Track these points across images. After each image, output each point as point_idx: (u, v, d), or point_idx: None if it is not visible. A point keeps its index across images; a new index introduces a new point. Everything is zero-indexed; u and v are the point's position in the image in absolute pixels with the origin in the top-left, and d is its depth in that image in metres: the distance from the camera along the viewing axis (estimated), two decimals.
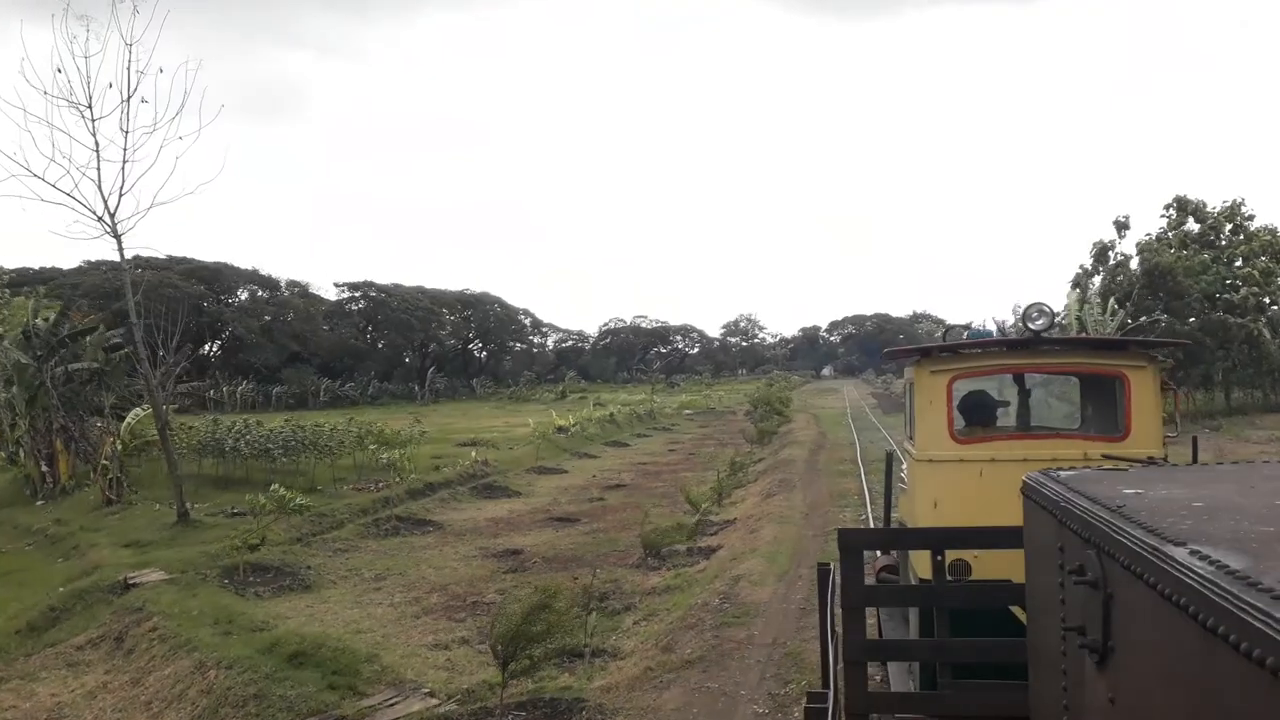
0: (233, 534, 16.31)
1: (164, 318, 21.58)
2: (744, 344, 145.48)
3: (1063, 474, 2.75)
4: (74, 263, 75.65)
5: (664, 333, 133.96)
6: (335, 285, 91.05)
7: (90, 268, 73.49)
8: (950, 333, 8.05)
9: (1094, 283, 40.90)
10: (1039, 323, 6.41)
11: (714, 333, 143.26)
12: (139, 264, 73.55)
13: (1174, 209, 43.04)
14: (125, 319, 21.71)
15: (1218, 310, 38.68)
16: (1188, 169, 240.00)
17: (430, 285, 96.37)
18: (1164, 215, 43.47)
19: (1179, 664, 1.65)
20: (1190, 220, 42.77)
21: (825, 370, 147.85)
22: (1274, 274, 39.86)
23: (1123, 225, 41.13)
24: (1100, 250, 41.63)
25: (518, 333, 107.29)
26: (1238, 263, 41.01)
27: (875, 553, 8.26)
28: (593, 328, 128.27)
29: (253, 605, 13.04)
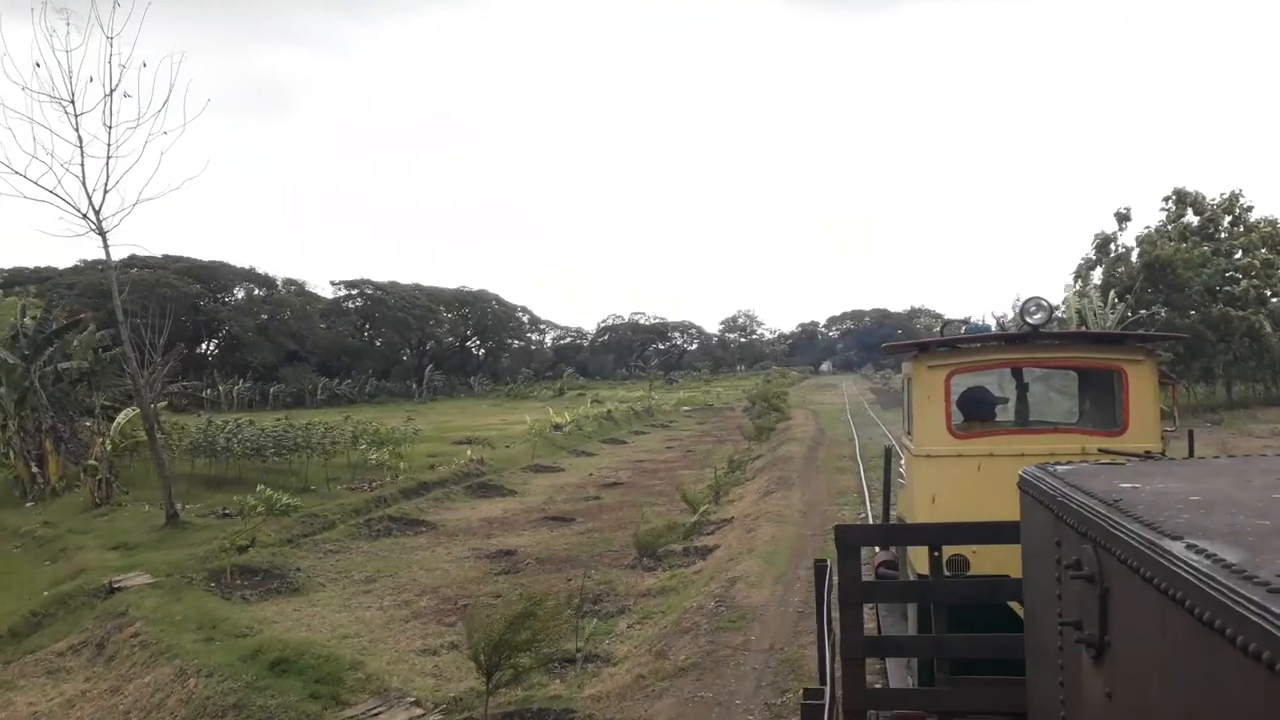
0: (221, 536, 16.04)
1: (155, 316, 21.27)
2: (742, 340, 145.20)
3: (1059, 468, 2.72)
4: (70, 262, 75.32)
5: (662, 329, 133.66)
6: (332, 283, 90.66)
7: (86, 267, 73.10)
8: (948, 327, 7.92)
9: (1095, 275, 40.58)
10: (1036, 317, 6.37)
11: (712, 329, 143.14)
12: (134, 262, 73.55)
13: (1173, 201, 42.80)
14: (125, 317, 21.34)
15: (1218, 303, 38.41)
16: (1188, 161, 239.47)
17: (427, 283, 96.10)
18: (1163, 208, 43.26)
19: (1176, 658, 1.64)
20: (1189, 212, 42.53)
21: (824, 366, 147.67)
22: (1275, 265, 39.56)
23: (1124, 217, 40.81)
24: (1102, 242, 41.29)
25: (515, 330, 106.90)
26: (1237, 255, 40.74)
27: (874, 548, 8.17)
28: (591, 325, 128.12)
29: (238, 609, 12.75)
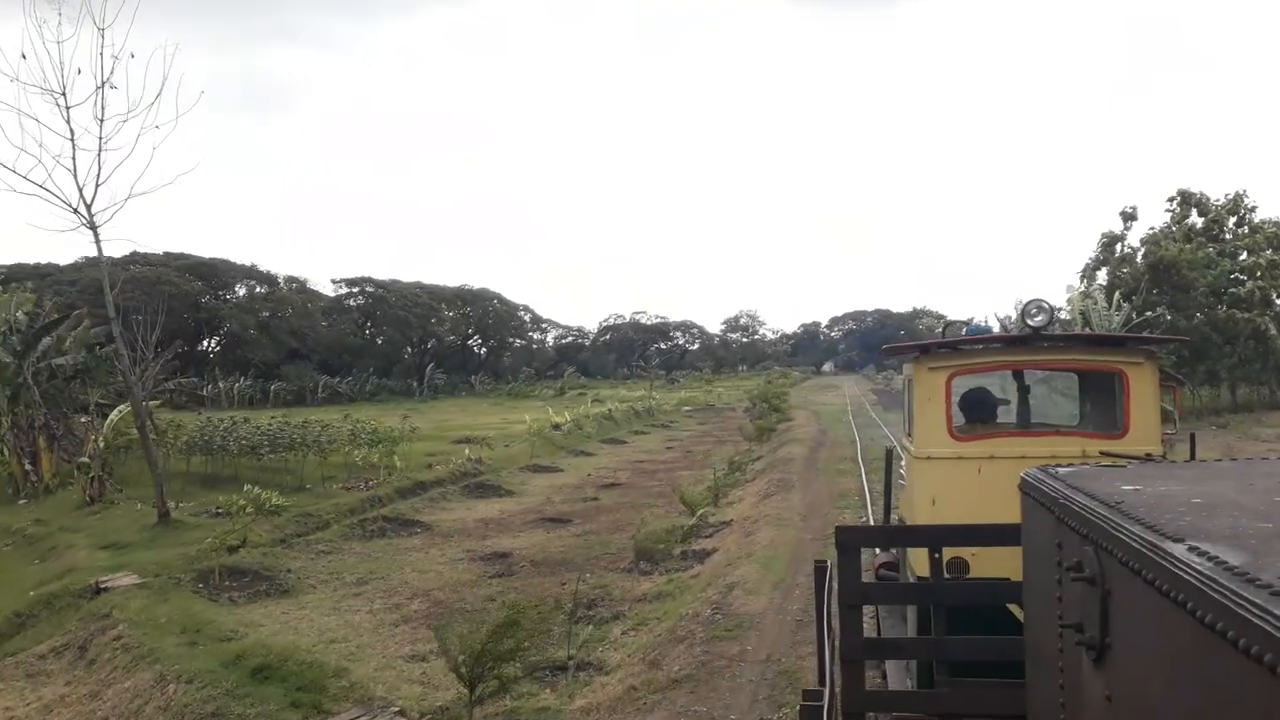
0: (212, 536, 15.78)
1: (148, 313, 21.02)
2: (744, 340, 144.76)
3: (1061, 471, 2.69)
4: (72, 258, 75.08)
5: (664, 329, 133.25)
6: (333, 281, 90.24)
7: (87, 263, 72.69)
8: (949, 329, 7.86)
9: (1100, 276, 40.18)
10: (1038, 319, 6.35)
11: (714, 329, 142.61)
12: (134, 259, 73.38)
13: (1177, 202, 42.44)
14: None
15: (1223, 305, 38.02)
16: (1193, 161, 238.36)
17: (429, 281, 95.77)
18: (1168, 209, 42.91)
19: (1177, 661, 1.62)
20: (1194, 213, 42.16)
21: (826, 366, 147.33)
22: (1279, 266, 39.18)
23: (1130, 216, 40.33)
24: (1107, 242, 40.89)
25: (517, 329, 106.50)
26: (1242, 256, 40.37)
27: (874, 550, 8.12)
28: (593, 324, 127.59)
29: (225, 612, 12.48)
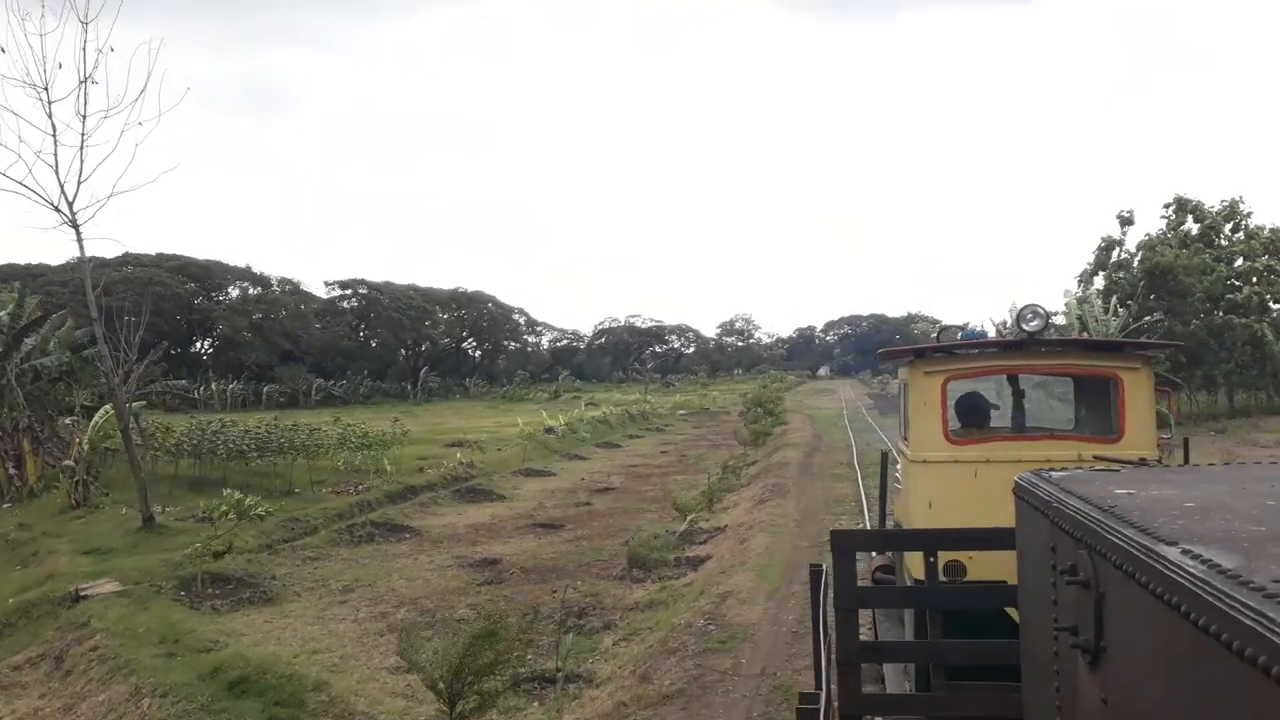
0: (196, 542, 15.48)
1: (131, 314, 20.69)
2: (740, 344, 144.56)
3: (1055, 474, 2.70)
4: (63, 258, 74.43)
5: (659, 332, 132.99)
6: (326, 283, 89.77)
7: (78, 263, 72.14)
8: (944, 333, 7.80)
9: (1097, 281, 40.03)
10: (1033, 324, 6.38)
11: (710, 332, 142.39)
12: (127, 260, 72.92)
13: (1173, 209, 42.39)
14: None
15: (1220, 311, 37.92)
16: (1190, 166, 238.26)
17: (423, 284, 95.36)
18: (1163, 215, 42.86)
19: (1171, 663, 1.62)
20: (1190, 220, 42.12)
21: (821, 370, 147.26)
22: (1277, 271, 39.08)
23: (1127, 220, 40.16)
24: (1105, 247, 40.76)
25: (512, 332, 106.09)
26: (1237, 262, 40.29)
27: (871, 553, 8.11)
28: (588, 327, 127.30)
29: (206, 621, 12.17)
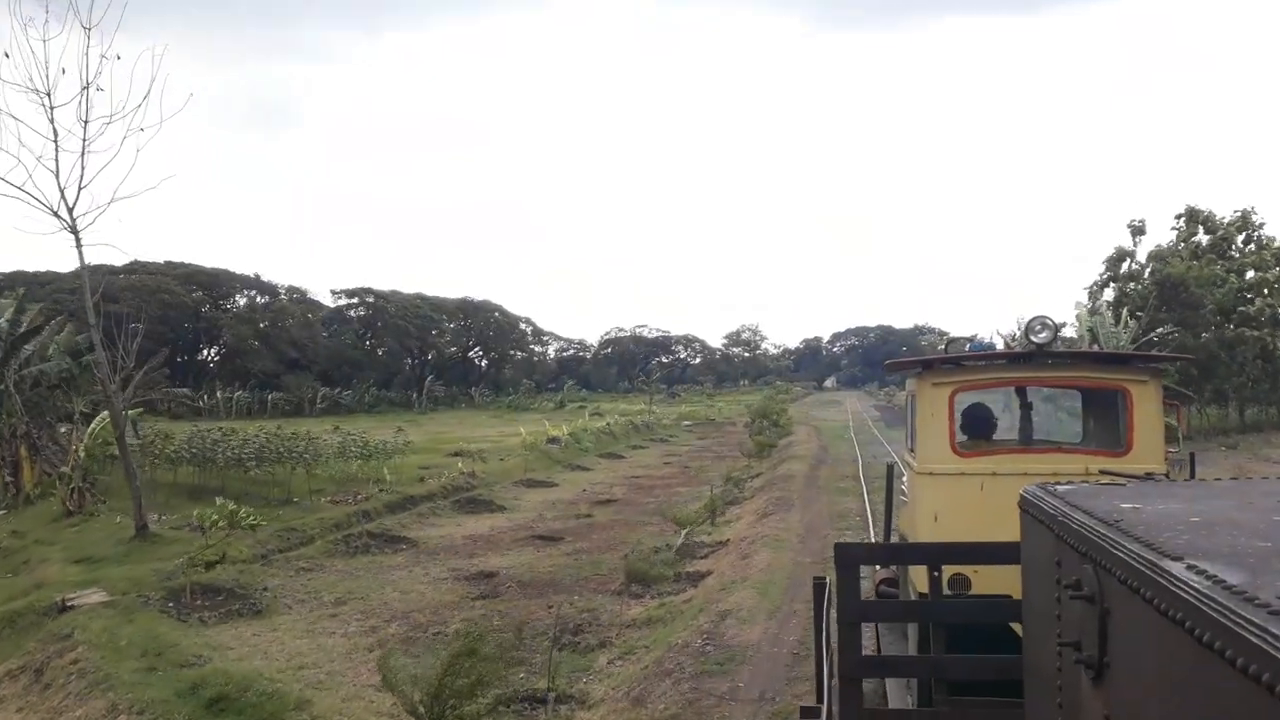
0: (189, 551, 15.22)
1: (129, 320, 20.49)
2: (746, 355, 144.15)
3: (1060, 488, 2.68)
4: (71, 265, 74.38)
5: (666, 343, 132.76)
6: (333, 292, 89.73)
7: (80, 270, 72.11)
8: (952, 345, 7.76)
9: (1108, 292, 39.59)
10: (1041, 336, 6.32)
11: (716, 343, 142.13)
12: (135, 268, 72.96)
13: (1184, 220, 41.98)
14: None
15: (1231, 323, 37.44)
16: (1202, 177, 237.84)
17: (430, 292, 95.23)
18: (1174, 227, 42.45)
19: (1175, 680, 1.60)
20: (1201, 231, 41.70)
21: (828, 381, 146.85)
22: None
23: (1138, 229, 39.71)
24: (1116, 257, 40.34)
25: (518, 341, 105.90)
26: (1249, 274, 39.84)
27: (876, 565, 8.05)
28: (594, 337, 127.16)
29: (192, 634, 11.87)
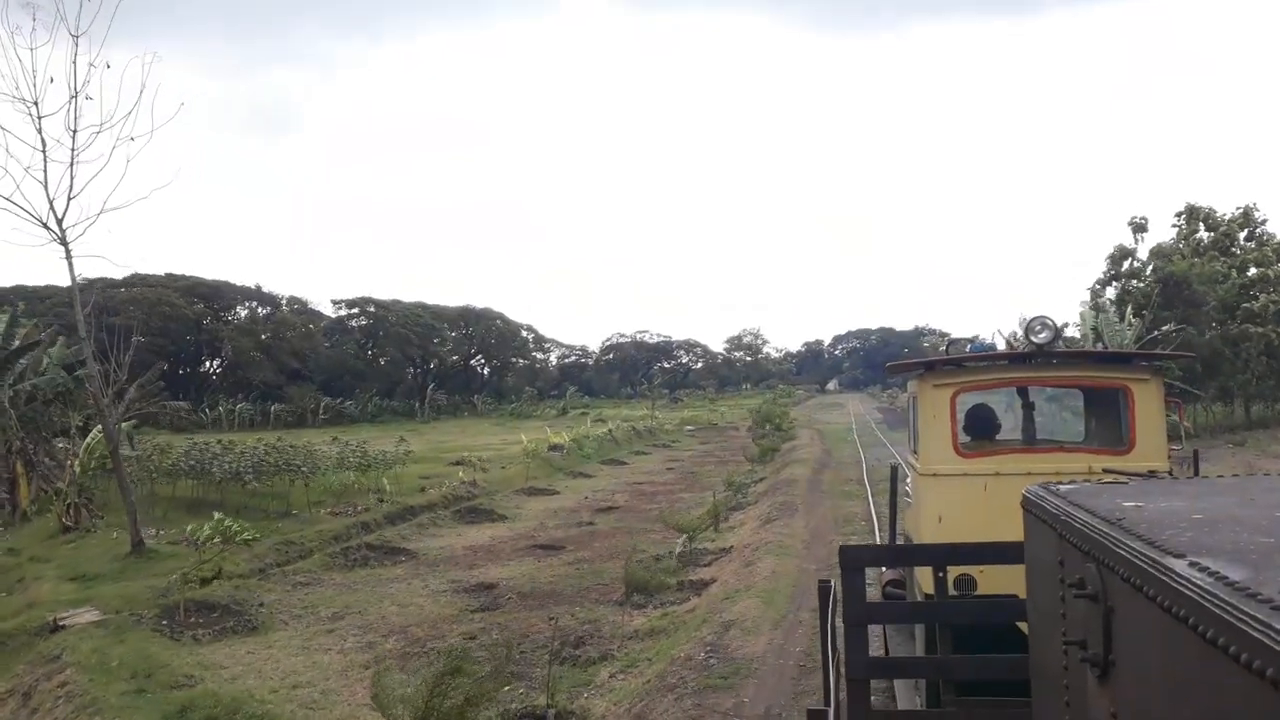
0: (185, 566, 14.99)
1: (127, 332, 20.28)
2: (748, 359, 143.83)
3: (1063, 487, 2.68)
4: (70, 280, 74.15)
5: (667, 348, 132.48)
6: (333, 302, 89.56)
7: (87, 285, 71.94)
8: (953, 346, 7.70)
9: (1110, 290, 39.34)
10: (1042, 336, 6.33)
11: (718, 347, 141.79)
12: (135, 281, 72.85)
13: (1184, 217, 41.77)
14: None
15: (1235, 320, 37.18)
16: (1203, 175, 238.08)
17: (431, 299, 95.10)
18: (1174, 224, 42.24)
19: (1180, 677, 1.60)
20: (1202, 228, 41.47)
21: (830, 384, 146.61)
22: None
23: (1140, 227, 39.44)
24: (1119, 255, 40.09)
25: (520, 349, 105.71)
26: (1251, 270, 39.60)
27: (882, 567, 8.02)
28: (596, 342, 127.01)
29: (185, 653, 11.61)
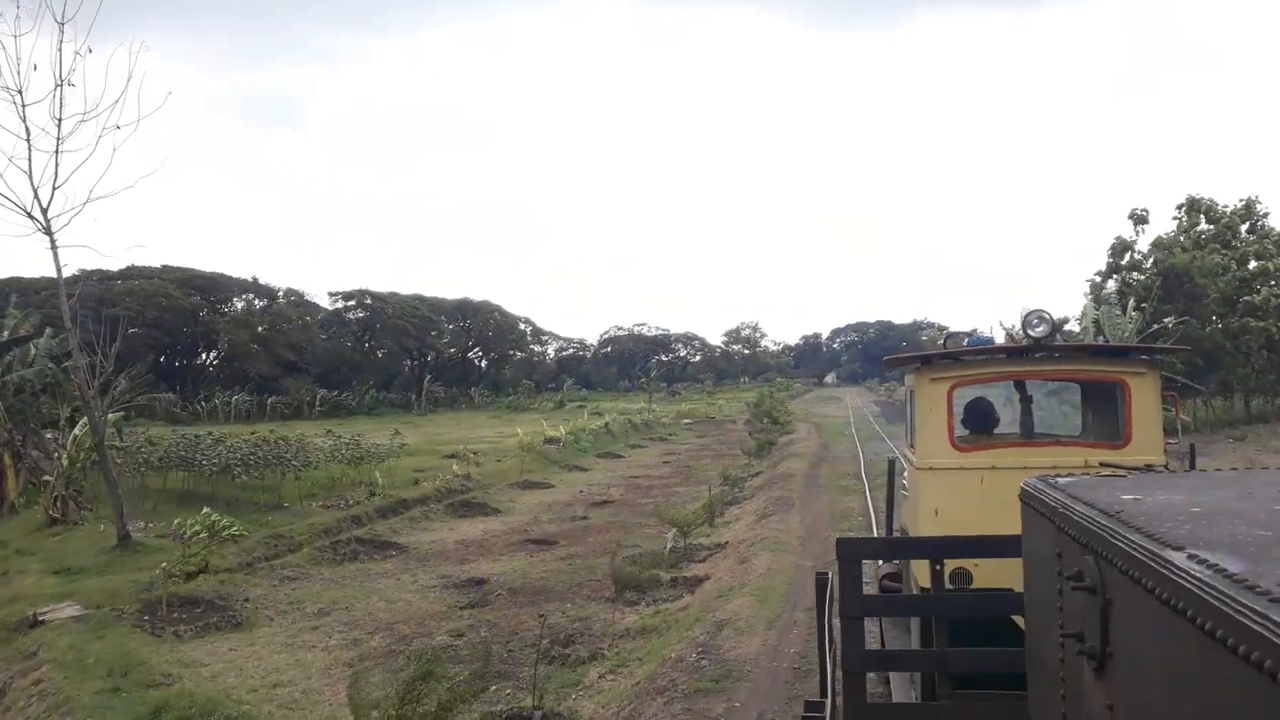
0: (169, 561, 14.71)
1: (111, 323, 19.96)
2: (746, 352, 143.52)
3: (1061, 480, 2.64)
4: (68, 272, 73.66)
5: (665, 341, 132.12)
6: (330, 294, 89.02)
7: (84, 276, 71.58)
8: (950, 340, 7.66)
9: (1111, 283, 39.04)
10: (1039, 330, 6.31)
11: (716, 340, 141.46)
12: (132, 273, 72.46)
13: (1185, 210, 41.45)
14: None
15: (1237, 314, 36.91)
16: (1204, 168, 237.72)
17: (429, 293, 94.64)
18: (1175, 216, 41.93)
19: (1177, 669, 1.59)
20: (1203, 220, 41.15)
21: (828, 378, 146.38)
22: None
23: (1141, 219, 39.08)
24: (1119, 247, 39.77)
25: (518, 341, 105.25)
26: (1251, 264, 39.31)
27: (879, 560, 8.02)
28: (594, 336, 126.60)
29: (164, 650, 11.33)
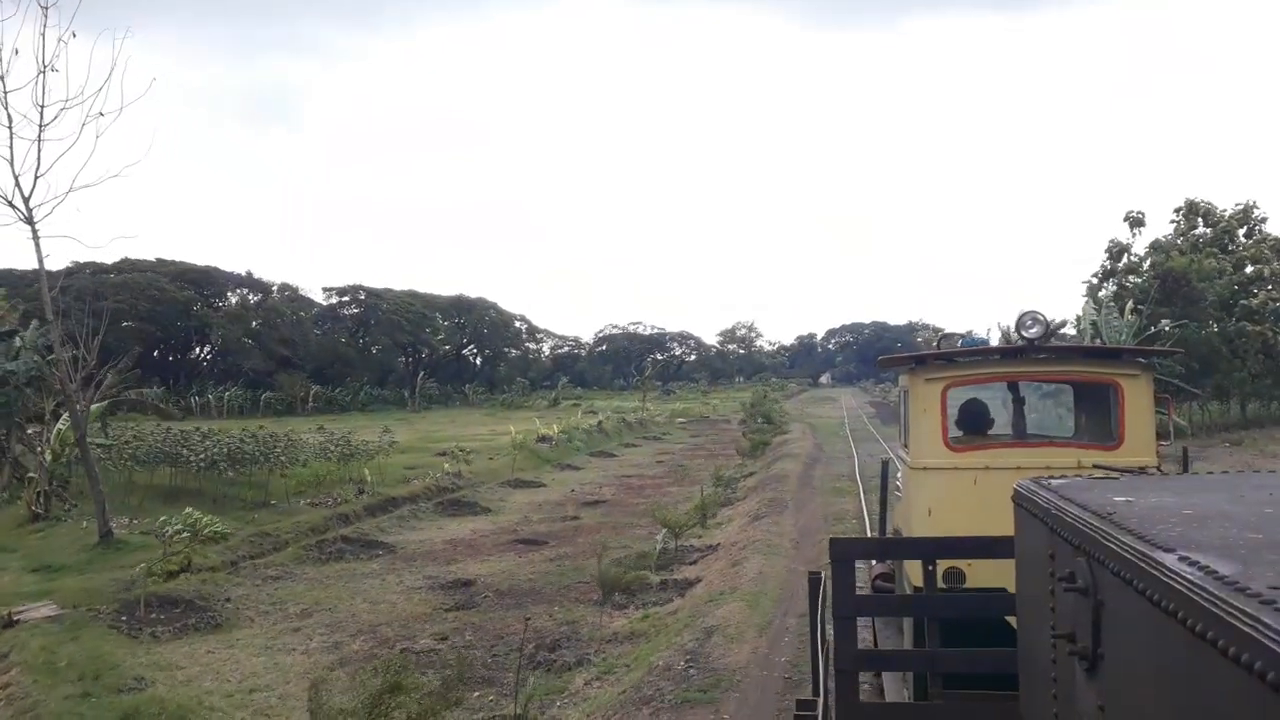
0: (149, 560, 14.44)
1: (89, 317, 19.63)
2: (741, 352, 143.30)
3: (1054, 482, 2.66)
4: (61, 264, 73.41)
5: (660, 339, 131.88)
6: (325, 290, 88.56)
7: (77, 269, 71.42)
8: (944, 340, 7.60)
9: (1107, 286, 38.87)
10: (1032, 331, 6.32)
11: (711, 340, 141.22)
12: (125, 266, 71.98)
13: (1183, 213, 41.32)
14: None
15: (1233, 317, 36.77)
16: (1198, 172, 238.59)
17: (423, 290, 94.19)
18: (1173, 220, 41.80)
19: (1168, 670, 1.60)
20: (1200, 223, 41.02)
21: (823, 378, 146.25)
22: None
23: (1137, 222, 38.93)
24: (1116, 250, 39.60)
25: (513, 339, 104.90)
26: (1248, 268, 39.19)
27: (872, 560, 8.06)
28: (589, 334, 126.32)
29: (140, 652, 11.05)
